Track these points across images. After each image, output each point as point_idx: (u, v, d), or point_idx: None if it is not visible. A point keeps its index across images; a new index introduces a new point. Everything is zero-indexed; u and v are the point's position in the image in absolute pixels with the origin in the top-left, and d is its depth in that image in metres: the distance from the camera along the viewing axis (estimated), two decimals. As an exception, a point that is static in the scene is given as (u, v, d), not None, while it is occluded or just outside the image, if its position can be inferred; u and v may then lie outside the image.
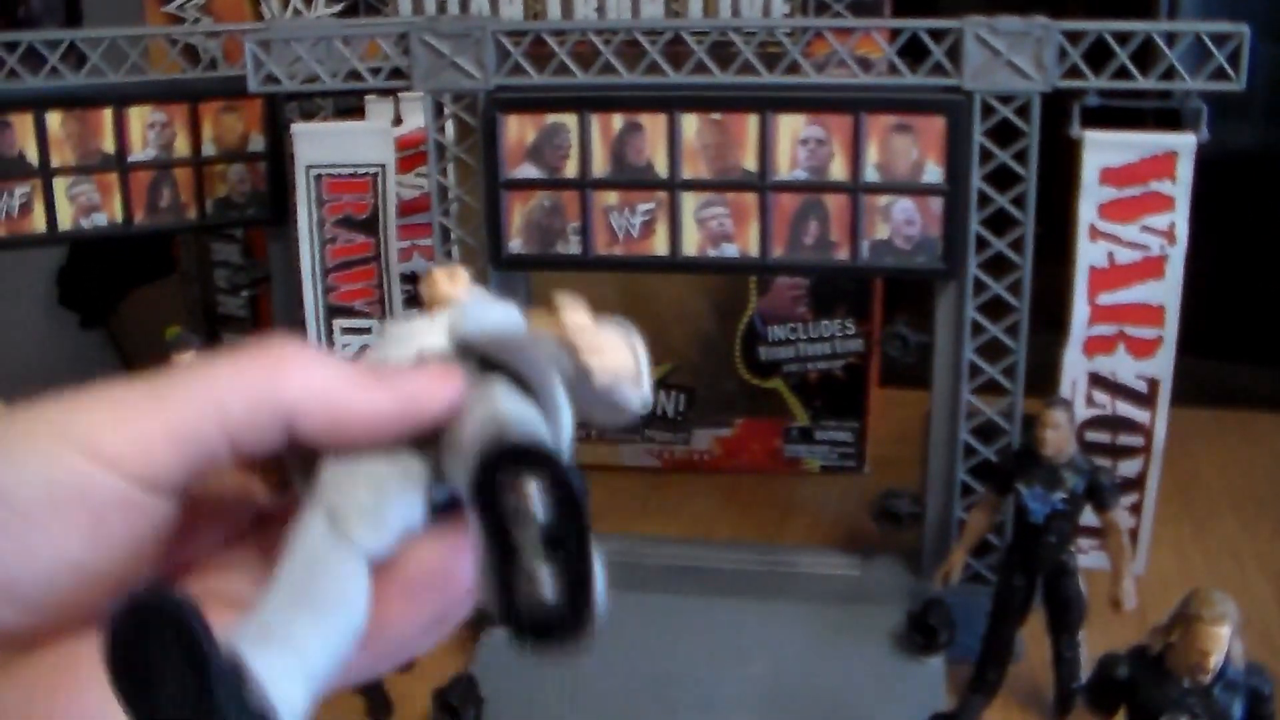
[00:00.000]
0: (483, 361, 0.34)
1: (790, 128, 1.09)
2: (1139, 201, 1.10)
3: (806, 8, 1.34)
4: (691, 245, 1.13)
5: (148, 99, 1.33)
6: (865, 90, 1.09)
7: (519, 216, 1.15)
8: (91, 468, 0.30)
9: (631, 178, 1.12)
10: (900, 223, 1.10)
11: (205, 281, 1.71)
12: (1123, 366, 1.14)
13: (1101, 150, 1.09)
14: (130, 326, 2.01)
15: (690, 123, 1.10)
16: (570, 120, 1.12)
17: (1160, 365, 1.13)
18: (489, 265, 1.17)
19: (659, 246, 1.13)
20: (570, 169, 1.13)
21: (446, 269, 0.39)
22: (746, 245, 1.12)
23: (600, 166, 1.13)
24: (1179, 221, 1.09)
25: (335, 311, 1.27)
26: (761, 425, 1.60)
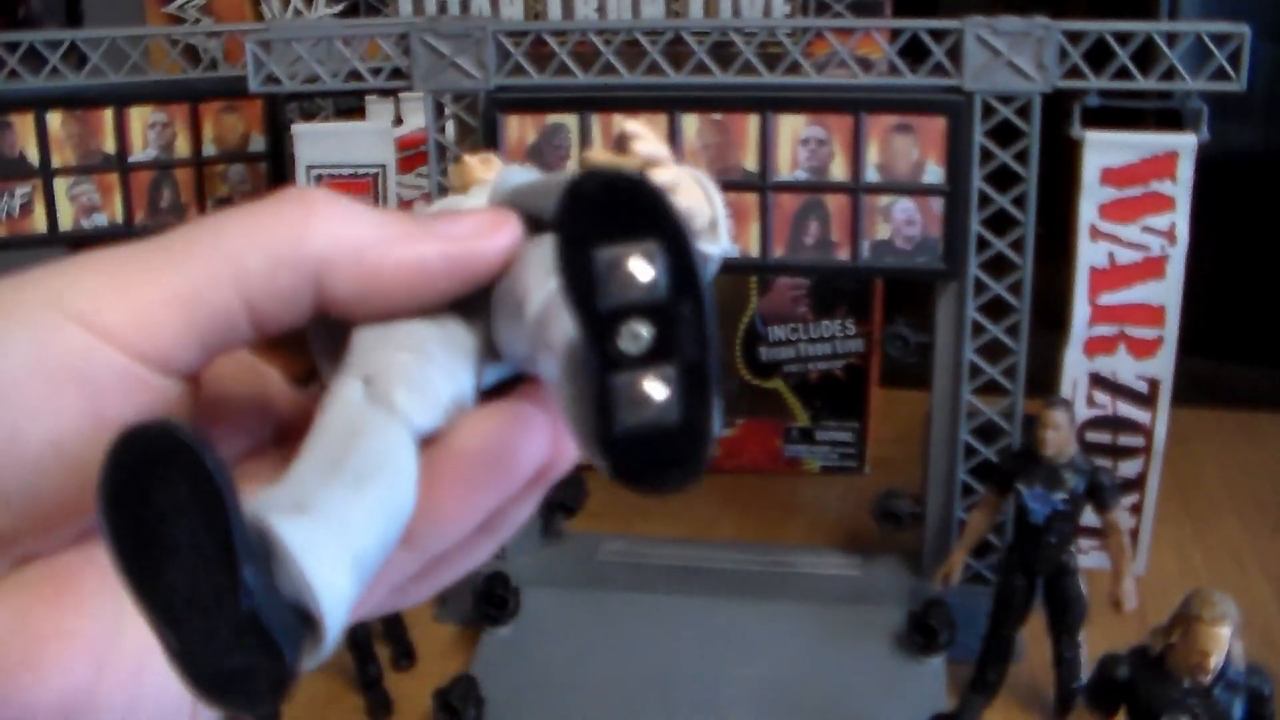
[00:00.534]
0: (533, 220, 0.28)
1: (791, 128, 1.09)
2: (1139, 202, 1.10)
3: (807, 8, 1.34)
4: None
5: (148, 99, 1.33)
6: (866, 90, 1.09)
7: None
8: (89, 340, 0.25)
9: (632, 178, 1.12)
10: (901, 223, 1.10)
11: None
12: (1123, 367, 1.14)
13: (1102, 150, 1.09)
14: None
15: (691, 123, 1.10)
16: (571, 121, 1.12)
17: (1161, 365, 1.13)
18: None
19: (659, 247, 1.13)
20: (571, 169, 1.13)
21: (480, 155, 0.36)
22: (747, 245, 1.12)
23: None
24: (1179, 222, 1.09)
25: (336, 312, 1.27)
26: (762, 425, 1.60)
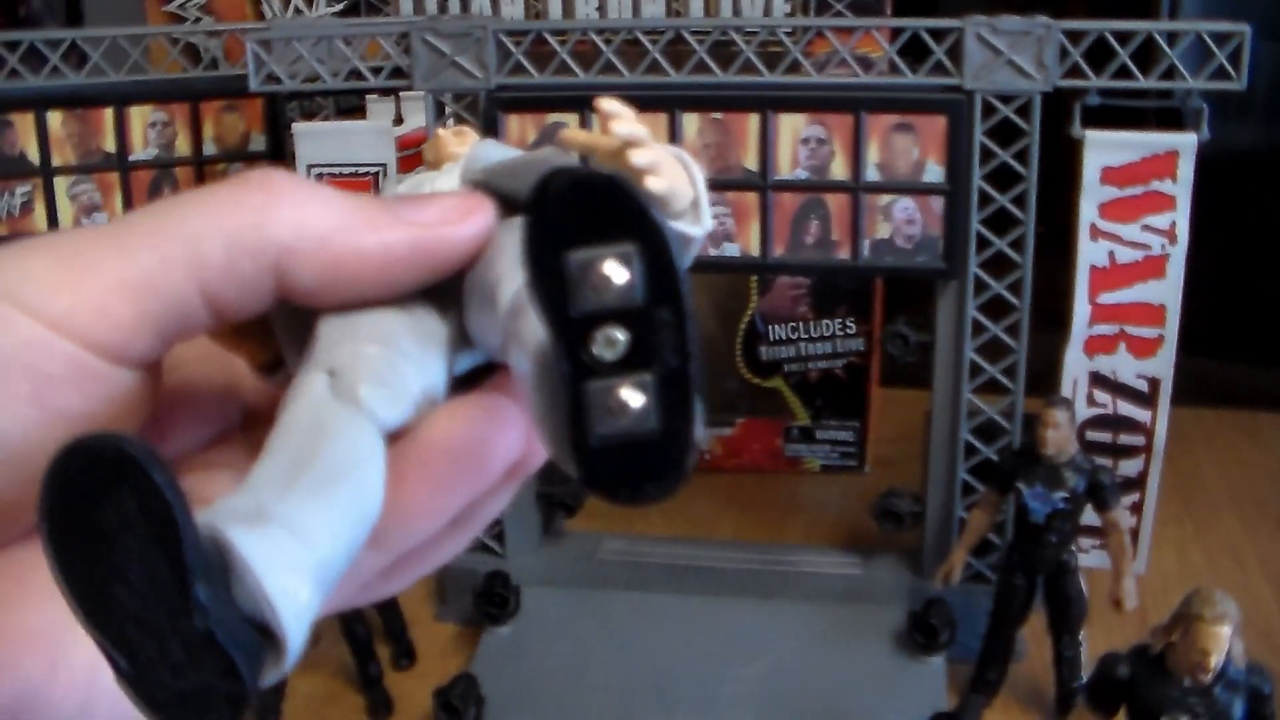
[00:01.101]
0: (506, 202, 0.27)
1: (791, 127, 1.09)
2: (1140, 201, 1.10)
3: (807, 7, 1.34)
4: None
5: (149, 98, 1.33)
6: (866, 90, 1.09)
7: (520, 216, 1.15)
8: (37, 329, 0.24)
9: (632, 177, 1.12)
10: (901, 222, 1.10)
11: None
12: (1124, 366, 1.14)
13: (1102, 150, 1.09)
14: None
15: (691, 122, 1.10)
16: (571, 120, 1.12)
17: (1161, 364, 1.13)
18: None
19: (660, 246, 1.13)
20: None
21: (454, 129, 0.34)
22: (747, 244, 1.12)
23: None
24: (1180, 221, 1.09)
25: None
26: (762, 425, 1.60)
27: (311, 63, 1.16)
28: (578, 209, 0.19)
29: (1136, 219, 1.10)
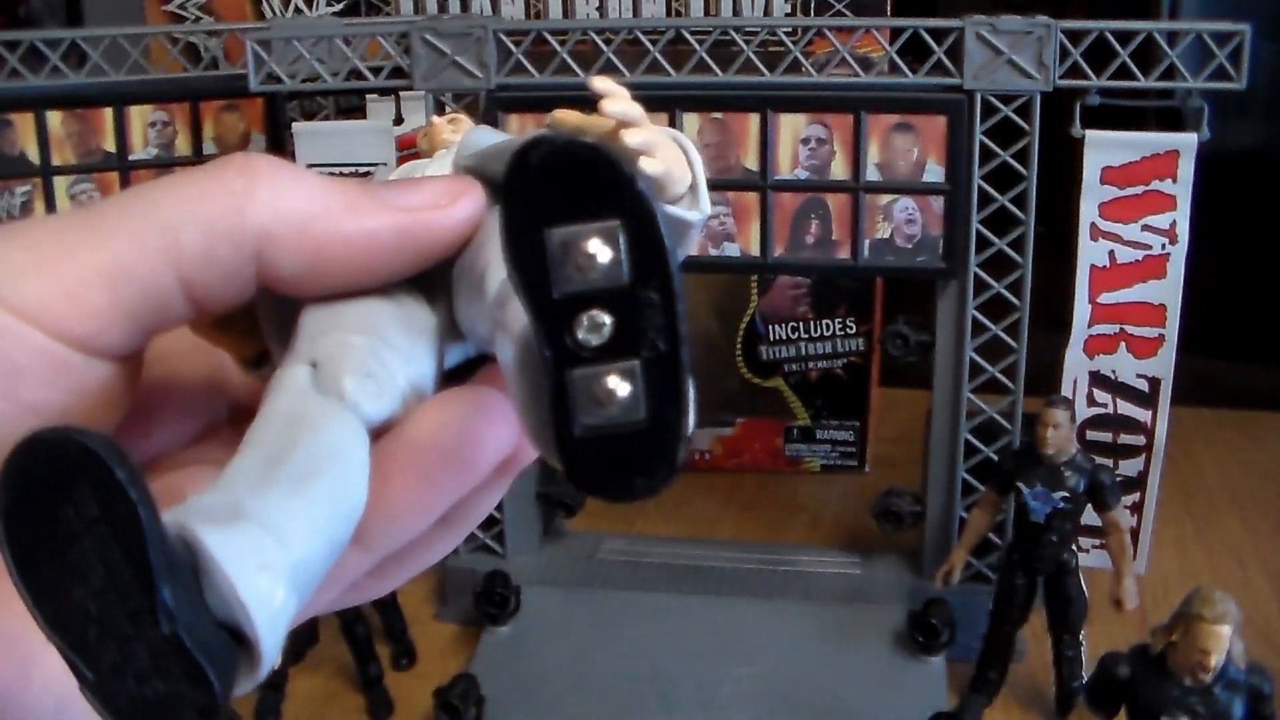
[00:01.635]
0: (497, 187, 0.25)
1: (791, 127, 1.09)
2: (1140, 201, 1.10)
3: (807, 7, 1.34)
4: (692, 244, 1.13)
5: (149, 98, 1.33)
6: (866, 89, 1.09)
7: (520, 216, 1.15)
8: (6, 319, 0.23)
9: (632, 177, 1.12)
10: (901, 222, 1.10)
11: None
12: (1124, 366, 1.14)
13: (1103, 149, 1.09)
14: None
15: (691, 122, 1.10)
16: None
17: (1161, 364, 1.13)
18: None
19: (660, 246, 1.13)
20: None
21: (449, 116, 0.33)
22: (747, 244, 1.12)
23: (601, 166, 1.13)
24: (1180, 220, 1.09)
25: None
26: (762, 424, 1.60)
27: (311, 63, 1.16)
28: (558, 181, 0.18)
29: (1137, 219, 1.10)
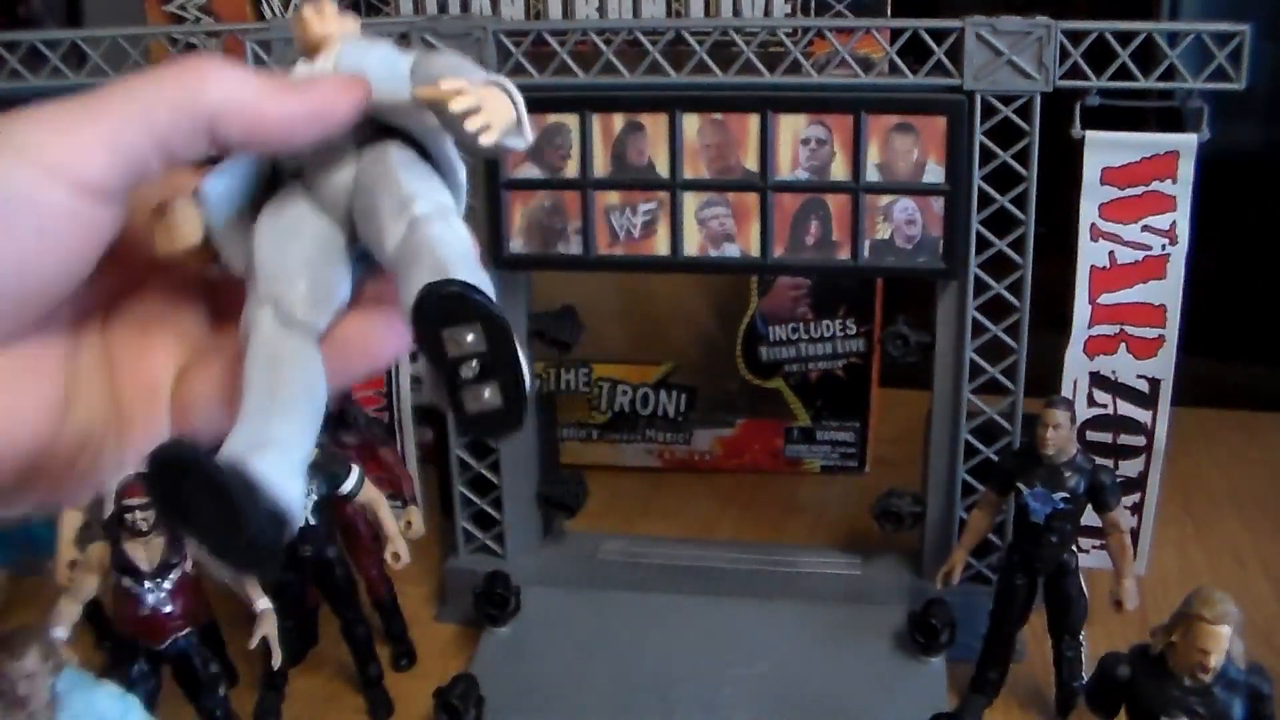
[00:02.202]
0: (374, 122, 0.38)
1: (791, 128, 1.09)
2: (1141, 201, 1.10)
3: (808, 8, 1.34)
4: (693, 245, 1.13)
5: (149, 99, 1.33)
6: (866, 90, 1.09)
7: (520, 216, 1.15)
8: (36, 176, 0.32)
9: (632, 178, 1.12)
10: (901, 222, 1.10)
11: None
12: (1124, 366, 1.14)
13: (1103, 150, 1.09)
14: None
15: (691, 123, 1.10)
16: (571, 120, 1.12)
17: (1162, 365, 1.13)
18: (490, 265, 1.17)
19: (660, 246, 1.13)
20: (571, 169, 1.13)
21: (314, 5, 0.40)
22: (748, 245, 1.12)
23: (601, 167, 1.13)
24: (1181, 221, 1.09)
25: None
26: (762, 425, 1.60)
27: (311, 63, 1.15)
28: (445, 308, 0.34)
29: (1137, 219, 1.10)
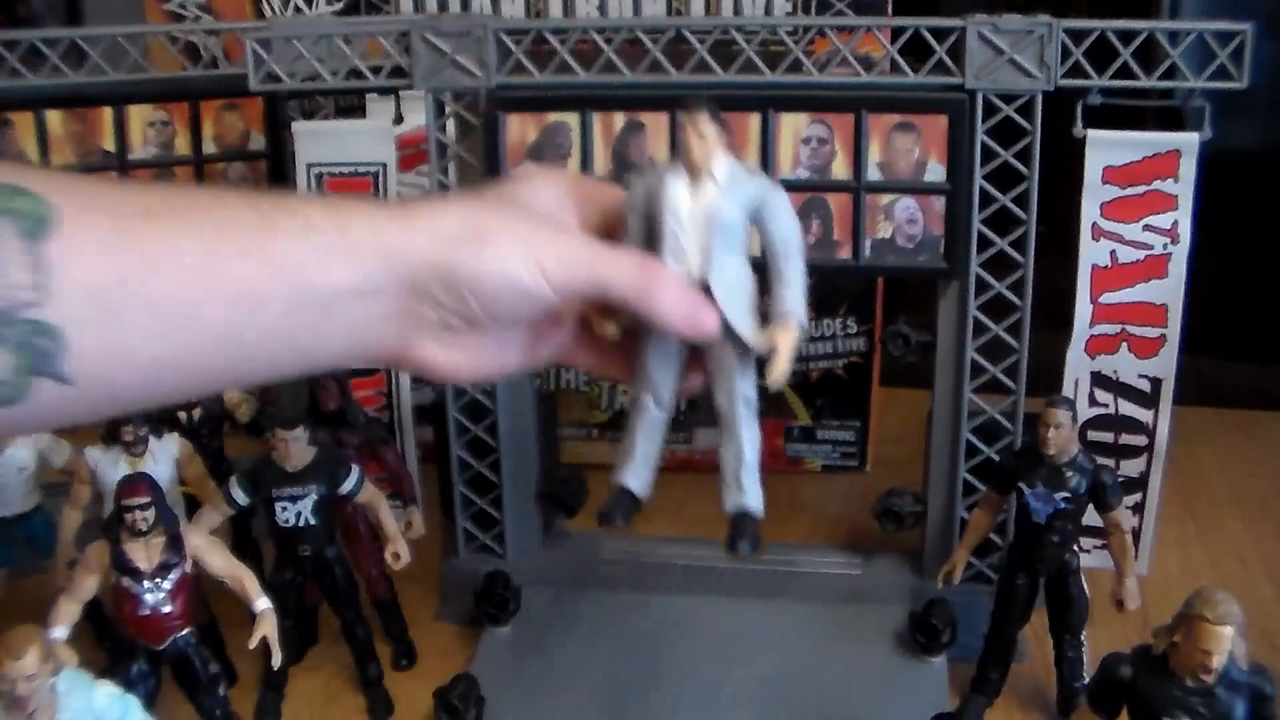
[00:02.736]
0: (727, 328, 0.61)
1: (792, 126, 1.09)
2: (1142, 200, 1.10)
3: (809, 7, 1.34)
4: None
5: (148, 97, 1.33)
6: (867, 89, 1.09)
7: (520, 215, 1.15)
8: (534, 270, 0.54)
9: (633, 177, 1.12)
10: (902, 221, 1.10)
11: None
12: (1125, 366, 1.14)
13: (1105, 149, 1.09)
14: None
15: (692, 121, 1.10)
16: (572, 119, 1.12)
17: (1163, 364, 1.13)
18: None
19: (660, 245, 1.13)
20: (572, 167, 1.13)
21: (694, 126, 0.58)
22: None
23: (602, 165, 1.12)
24: (1182, 220, 1.09)
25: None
26: (763, 424, 1.59)
27: (311, 62, 1.15)
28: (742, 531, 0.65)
29: (1138, 218, 1.10)
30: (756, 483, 0.64)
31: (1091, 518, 1.07)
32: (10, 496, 1.20)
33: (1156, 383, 1.14)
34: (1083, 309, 1.13)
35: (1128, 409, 1.15)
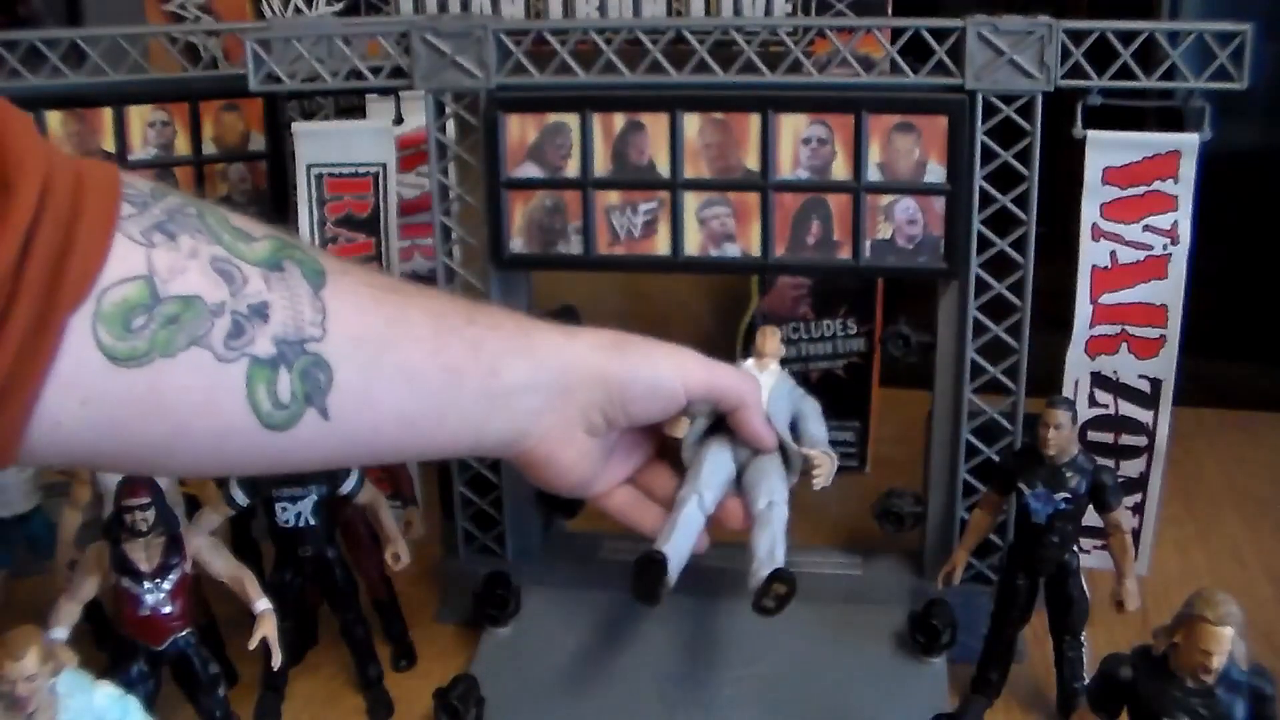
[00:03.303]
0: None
1: (792, 127, 1.09)
2: (1142, 201, 1.10)
3: (808, 7, 1.34)
4: (693, 245, 1.13)
5: (148, 98, 1.33)
6: (867, 90, 1.09)
7: (520, 216, 1.15)
8: (677, 378, 0.71)
9: (633, 177, 1.12)
10: (902, 222, 1.10)
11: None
12: (1125, 366, 1.14)
13: (1105, 150, 1.09)
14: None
15: (692, 122, 1.10)
16: (572, 120, 1.12)
17: (1163, 365, 1.13)
18: (490, 265, 1.17)
19: (661, 246, 1.13)
20: (572, 168, 1.13)
21: (771, 331, 0.91)
22: (748, 245, 1.12)
23: (602, 166, 1.12)
24: (1182, 221, 1.09)
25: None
26: (763, 425, 1.59)
27: (311, 62, 1.15)
28: (768, 591, 0.79)
29: (1138, 219, 1.10)
30: (784, 550, 0.78)
31: (1091, 518, 1.07)
32: (10, 497, 1.20)
33: (1156, 383, 1.14)
34: (1082, 310, 1.13)
35: (1128, 409, 1.16)
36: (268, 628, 1.01)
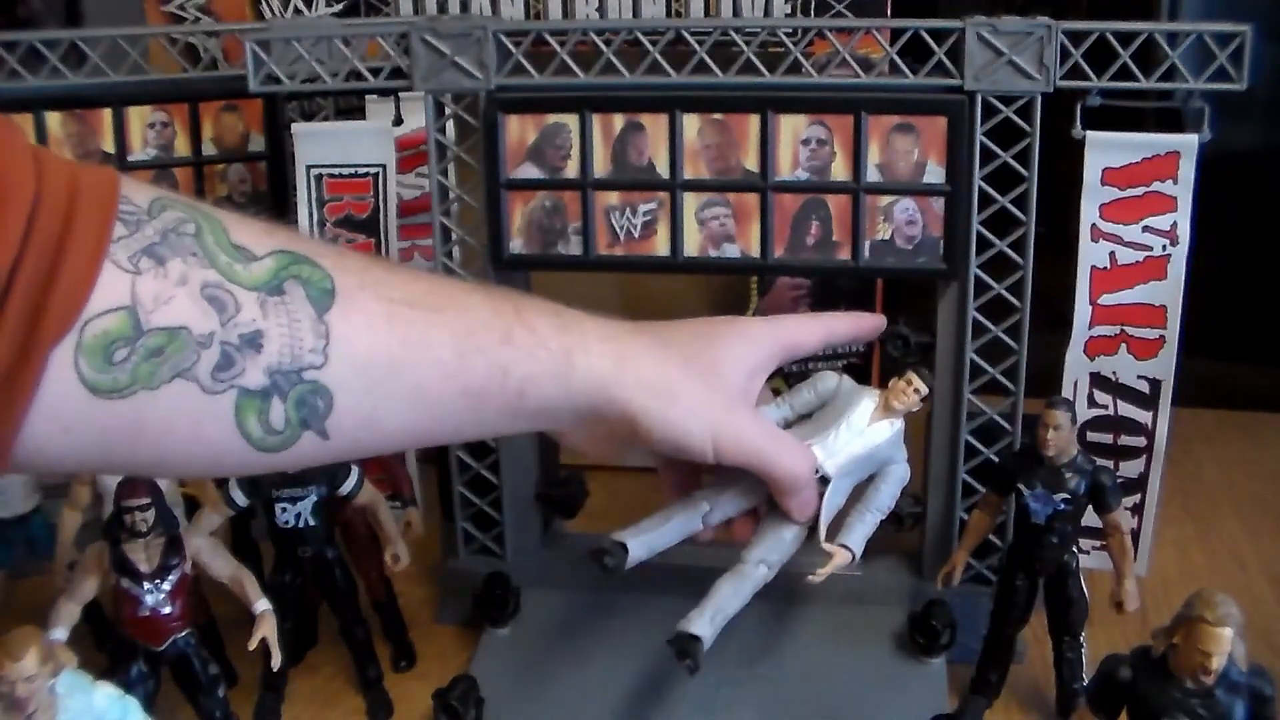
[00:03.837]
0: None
1: (791, 128, 1.09)
2: (1141, 202, 1.10)
3: (808, 8, 1.34)
4: (693, 245, 1.13)
5: (148, 99, 1.33)
6: (866, 90, 1.09)
7: (520, 216, 1.15)
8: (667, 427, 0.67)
9: (633, 178, 1.12)
10: (901, 223, 1.10)
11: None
12: (1125, 367, 1.14)
13: (1104, 150, 1.09)
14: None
15: (691, 123, 1.10)
16: (571, 120, 1.12)
17: (1162, 366, 1.13)
18: (489, 265, 1.17)
19: (660, 247, 1.13)
20: (571, 169, 1.13)
21: (912, 376, 0.77)
22: (748, 245, 1.12)
23: (601, 167, 1.12)
24: (1181, 221, 1.09)
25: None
26: (763, 425, 1.59)
27: (311, 63, 1.15)
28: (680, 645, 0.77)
29: (1138, 220, 1.10)
30: (729, 615, 0.77)
31: (1091, 519, 1.07)
32: (9, 497, 1.20)
33: (1156, 384, 1.14)
34: (1082, 310, 1.13)
35: (1127, 410, 1.16)
36: (267, 628, 1.01)
